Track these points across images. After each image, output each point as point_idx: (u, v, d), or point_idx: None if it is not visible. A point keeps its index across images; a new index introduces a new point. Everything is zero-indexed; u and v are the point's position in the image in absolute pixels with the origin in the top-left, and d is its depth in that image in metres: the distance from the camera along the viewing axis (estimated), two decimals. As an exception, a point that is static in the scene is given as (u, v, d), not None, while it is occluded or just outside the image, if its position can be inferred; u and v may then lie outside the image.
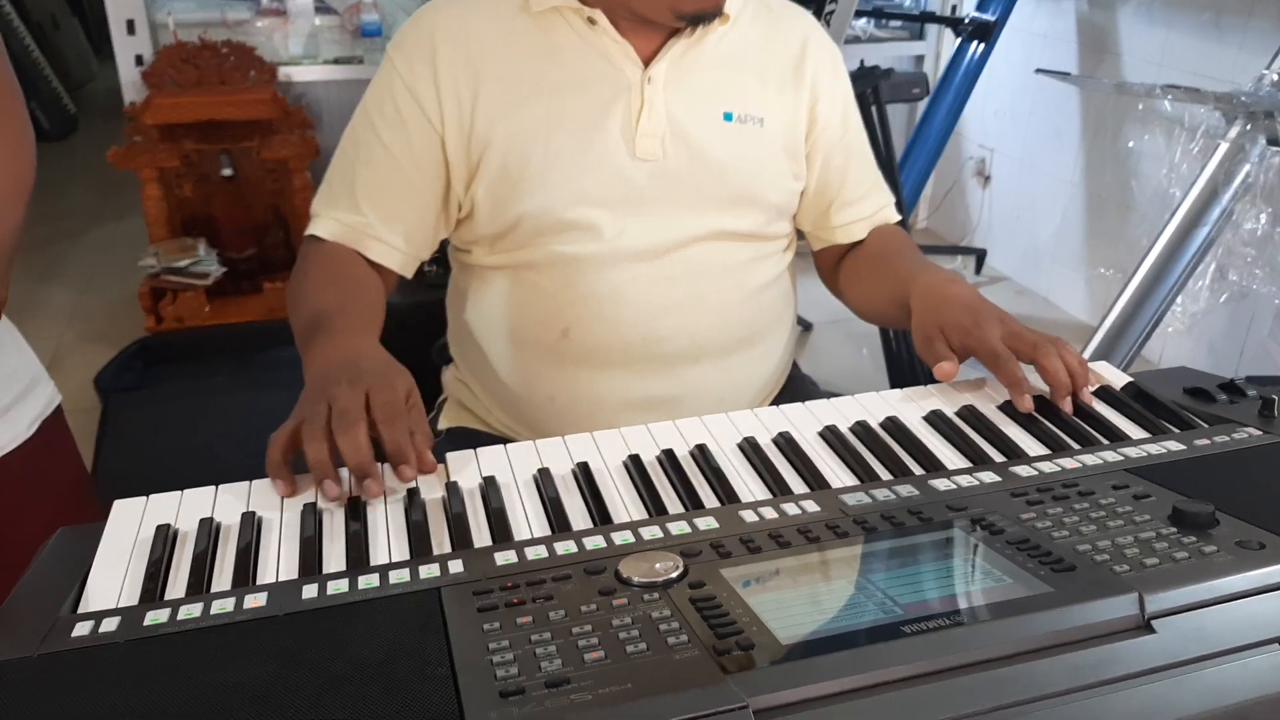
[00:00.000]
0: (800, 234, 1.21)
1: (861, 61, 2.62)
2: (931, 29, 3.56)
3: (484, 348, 1.09)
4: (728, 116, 1.06)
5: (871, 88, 2.29)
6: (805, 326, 2.99)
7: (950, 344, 0.92)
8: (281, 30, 3.12)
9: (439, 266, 1.75)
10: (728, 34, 1.06)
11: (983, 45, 2.99)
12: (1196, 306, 2.45)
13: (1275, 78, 2.23)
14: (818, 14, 2.29)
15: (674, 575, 0.59)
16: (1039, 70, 2.56)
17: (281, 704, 0.50)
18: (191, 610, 0.60)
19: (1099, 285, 3.02)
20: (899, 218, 1.21)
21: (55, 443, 1.05)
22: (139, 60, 2.97)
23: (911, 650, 0.52)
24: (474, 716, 0.47)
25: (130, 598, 0.63)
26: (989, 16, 2.99)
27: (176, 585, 0.65)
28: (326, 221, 1.03)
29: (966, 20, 3.01)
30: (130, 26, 2.95)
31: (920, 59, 3.63)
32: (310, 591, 0.61)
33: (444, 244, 1.18)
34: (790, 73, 1.10)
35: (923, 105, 3.23)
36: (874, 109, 2.31)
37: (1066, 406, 0.85)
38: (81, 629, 0.58)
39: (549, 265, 1.04)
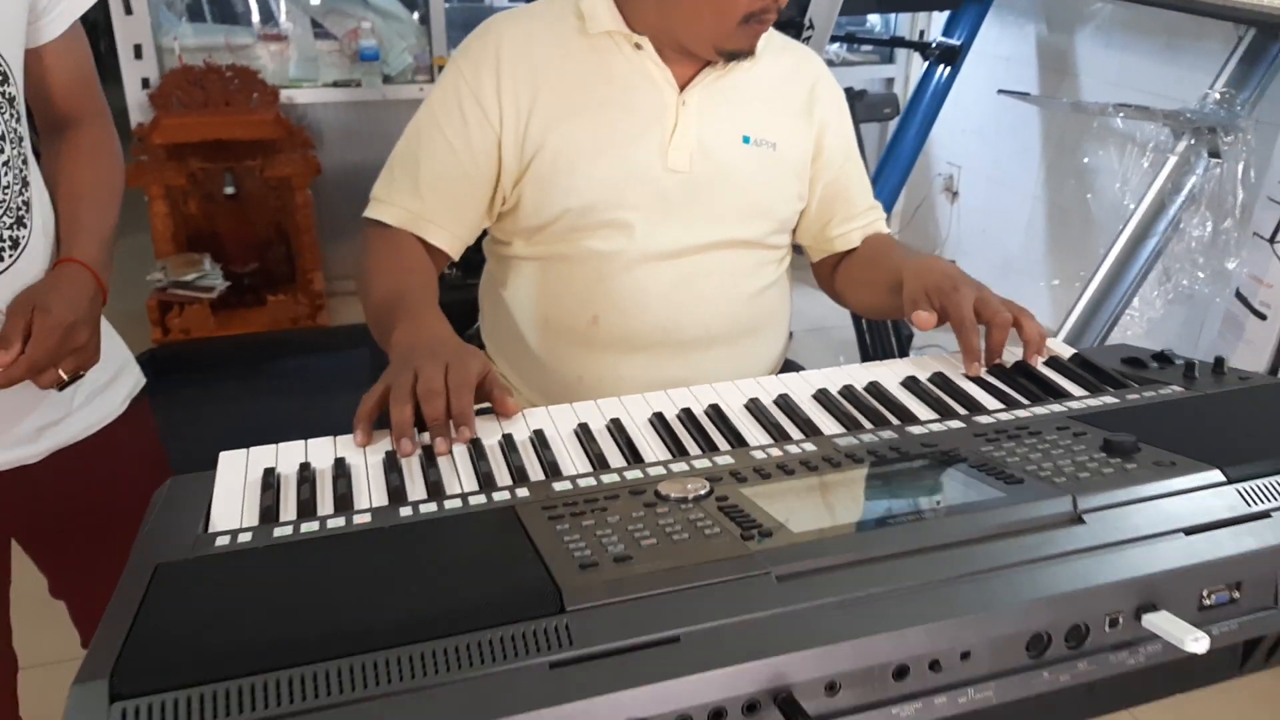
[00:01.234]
0: (797, 249, 1.36)
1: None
2: (901, 53, 3.75)
3: (519, 331, 1.24)
4: (746, 139, 1.22)
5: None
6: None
7: (931, 304, 1.07)
8: (283, 54, 3.26)
9: (457, 269, 1.90)
10: (752, 69, 1.22)
11: (949, 68, 3.17)
12: (1153, 311, 2.63)
13: (1218, 96, 2.42)
14: (795, 37, 2.45)
15: (703, 492, 0.73)
16: (1001, 91, 2.75)
17: (406, 585, 0.63)
18: (310, 526, 0.73)
19: (1062, 293, 3.20)
20: (888, 230, 1.37)
21: (142, 417, 1.18)
22: (145, 83, 3.09)
23: (895, 535, 0.66)
24: (564, 581, 0.61)
25: (251, 522, 0.76)
26: (954, 41, 3.17)
27: (287, 512, 0.78)
28: (391, 207, 1.17)
29: (933, 45, 3.19)
30: (138, 51, 3.08)
31: (890, 81, 3.82)
32: (406, 512, 0.74)
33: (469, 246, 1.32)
34: (802, 107, 1.25)
35: (894, 125, 3.41)
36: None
37: (981, 367, 1.02)
38: (222, 541, 0.72)
39: (581, 259, 1.19)
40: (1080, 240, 3.12)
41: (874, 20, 3.85)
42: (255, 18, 3.35)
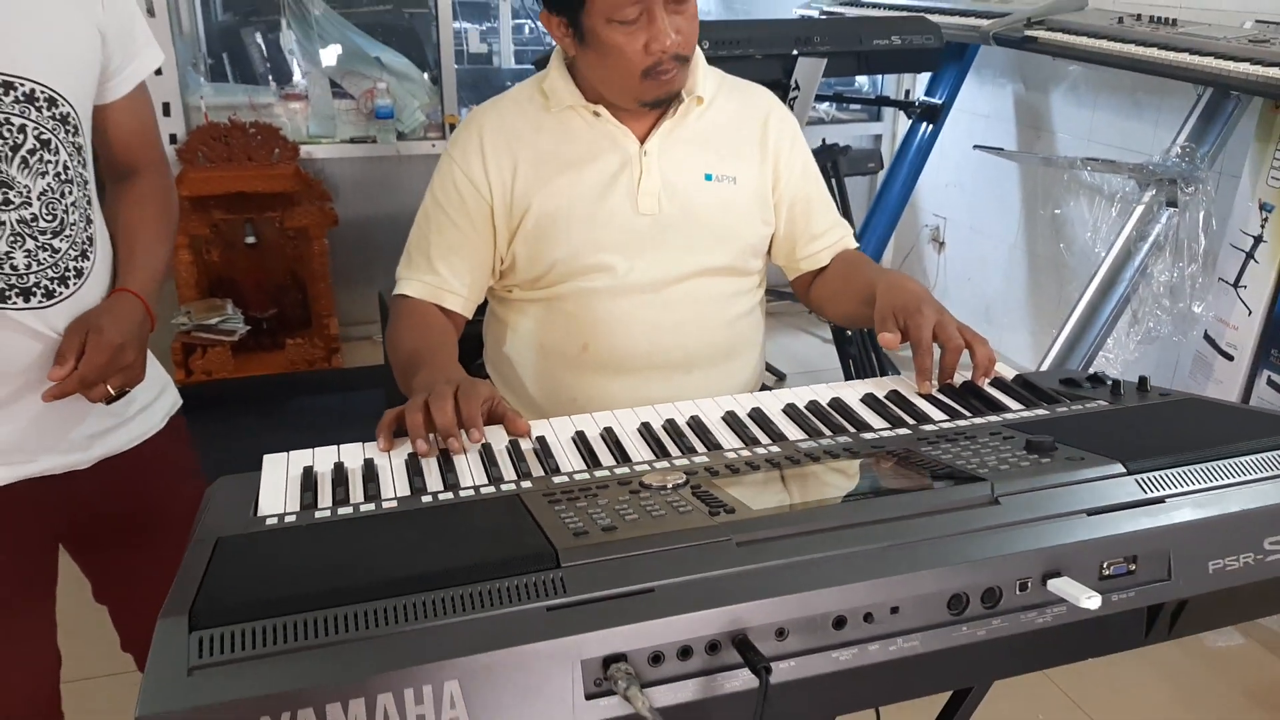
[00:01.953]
0: (779, 295, 1.49)
1: (823, 140, 2.95)
2: (888, 110, 3.94)
3: (519, 361, 1.37)
4: (708, 177, 1.36)
5: (831, 162, 2.62)
6: (779, 376, 3.28)
7: (897, 323, 1.19)
8: (303, 112, 3.44)
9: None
10: (705, 113, 1.37)
11: (931, 125, 3.35)
12: (1127, 354, 2.77)
13: (1179, 150, 2.58)
14: (782, 99, 2.62)
15: (680, 482, 0.86)
16: (976, 146, 2.91)
17: (429, 548, 0.76)
18: (345, 510, 0.86)
19: (1043, 337, 3.34)
20: (857, 245, 1.50)
21: (179, 432, 1.31)
22: (173, 139, 3.27)
23: (839, 512, 0.79)
24: (559, 544, 0.73)
25: (294, 508, 0.89)
26: (936, 100, 3.35)
27: (325, 500, 0.90)
28: (412, 283, 1.34)
29: (916, 103, 3.37)
30: (166, 109, 3.27)
31: (878, 137, 4.00)
32: (426, 499, 0.87)
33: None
34: (756, 141, 1.40)
35: (881, 178, 3.58)
36: (833, 181, 2.63)
37: (932, 385, 1.14)
38: (271, 521, 0.84)
39: (573, 297, 1.33)
40: (1056, 286, 3.26)
41: (862, 80, 4.04)
42: (274, 78, 3.56)
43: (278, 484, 0.94)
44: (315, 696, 0.62)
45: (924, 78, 3.64)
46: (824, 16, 3.47)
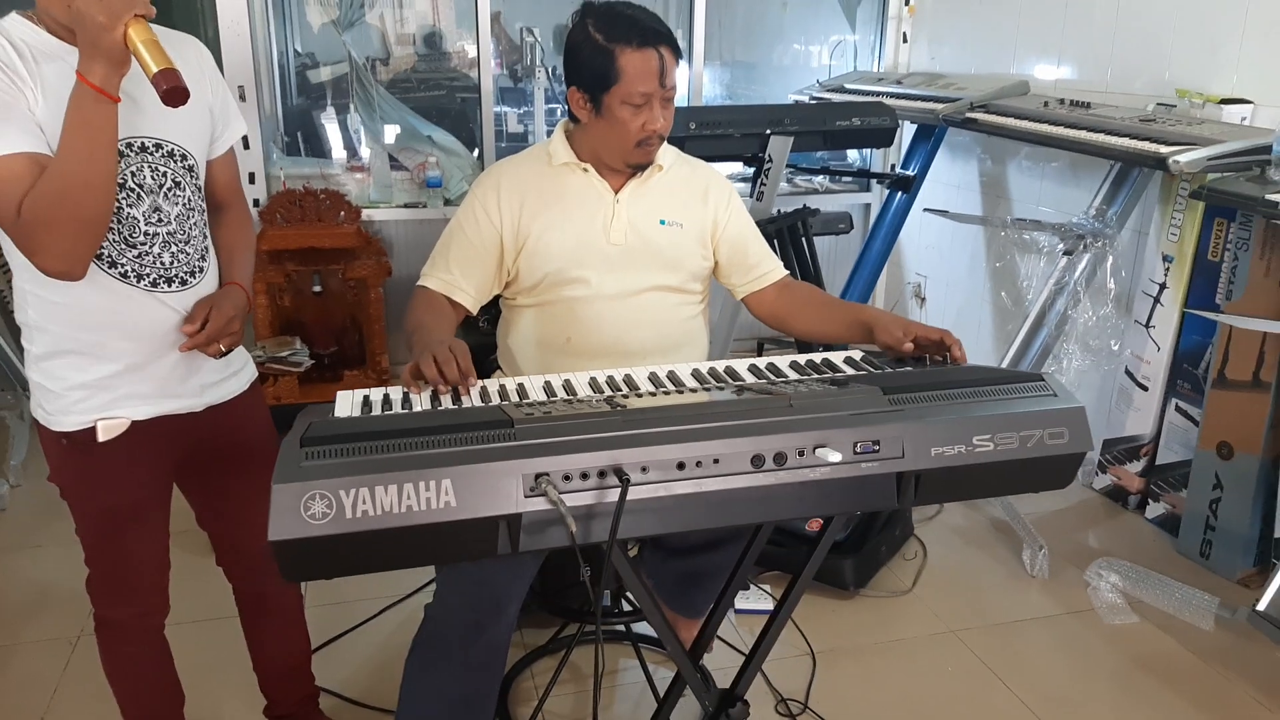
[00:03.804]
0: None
1: (804, 204, 3.47)
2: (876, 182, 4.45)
3: (520, 351, 1.89)
4: (662, 221, 1.88)
5: (802, 221, 3.13)
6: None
7: (907, 336, 1.65)
8: (365, 182, 4.05)
9: (488, 324, 2.59)
10: (663, 178, 1.90)
11: (905, 194, 3.85)
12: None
13: (1094, 211, 3.05)
14: (754, 188, 3.15)
15: (601, 399, 1.36)
16: (925, 209, 3.40)
17: (440, 421, 1.26)
18: (387, 413, 1.36)
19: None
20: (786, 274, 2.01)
21: (257, 396, 1.84)
22: (256, 203, 3.89)
23: (690, 408, 1.28)
24: (515, 416, 1.23)
25: (357, 413, 1.40)
26: (910, 172, 3.86)
27: (376, 410, 1.41)
28: (432, 279, 1.85)
29: (890, 175, 3.88)
30: (251, 177, 3.89)
31: (868, 206, 4.51)
32: (441, 408, 1.38)
33: (494, 306, 1.98)
34: (699, 200, 1.93)
35: (864, 240, 4.07)
36: (804, 239, 3.14)
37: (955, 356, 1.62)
38: (340, 416, 1.35)
39: (560, 302, 1.84)
40: (1009, 332, 3.71)
41: (853, 155, 4.56)
42: (344, 154, 4.19)
43: (346, 403, 1.45)
44: (365, 481, 1.12)
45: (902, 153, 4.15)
46: (813, 101, 4.02)
